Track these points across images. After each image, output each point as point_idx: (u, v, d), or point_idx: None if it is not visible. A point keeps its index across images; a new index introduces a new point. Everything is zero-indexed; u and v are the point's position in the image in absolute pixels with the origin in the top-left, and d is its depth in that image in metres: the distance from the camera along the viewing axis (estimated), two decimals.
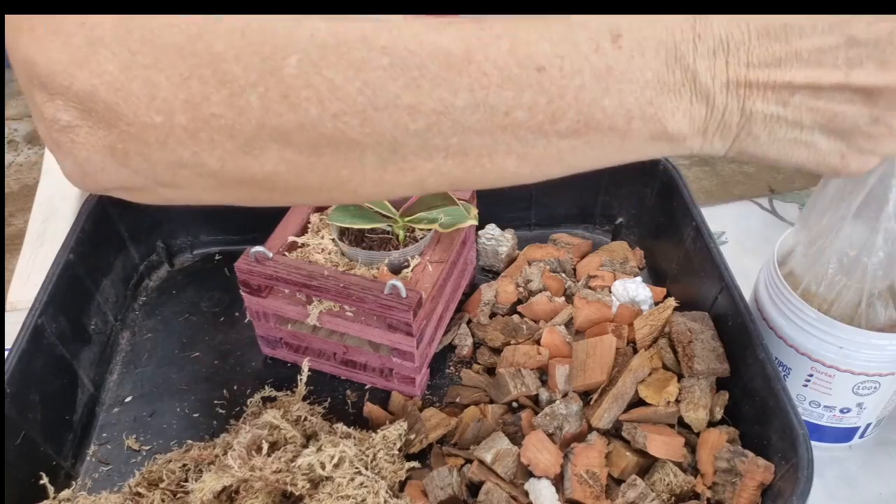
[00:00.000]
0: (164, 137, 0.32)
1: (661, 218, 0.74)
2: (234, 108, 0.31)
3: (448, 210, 0.62)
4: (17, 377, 0.54)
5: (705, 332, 0.59)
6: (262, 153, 0.33)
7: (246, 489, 0.51)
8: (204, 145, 0.32)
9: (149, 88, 0.31)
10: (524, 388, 0.59)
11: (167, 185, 0.34)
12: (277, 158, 0.33)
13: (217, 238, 0.79)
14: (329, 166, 0.33)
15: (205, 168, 0.33)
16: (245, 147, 0.32)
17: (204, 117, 0.31)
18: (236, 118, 0.31)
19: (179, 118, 0.31)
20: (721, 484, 0.52)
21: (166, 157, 0.32)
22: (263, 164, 0.33)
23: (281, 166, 0.33)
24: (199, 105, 0.31)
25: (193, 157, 0.32)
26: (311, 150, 0.33)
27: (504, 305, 0.69)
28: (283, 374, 0.66)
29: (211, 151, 0.32)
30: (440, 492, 0.53)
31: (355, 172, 0.34)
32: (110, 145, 0.32)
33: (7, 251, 1.92)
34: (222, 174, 0.33)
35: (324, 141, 0.32)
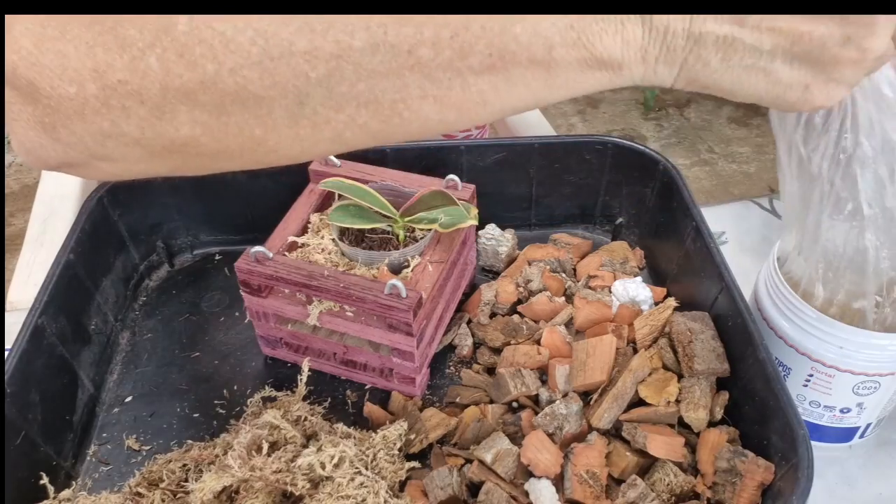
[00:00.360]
0: (81, 108, 0.31)
1: (661, 218, 0.74)
2: (136, 72, 0.30)
3: (448, 210, 0.62)
4: (17, 377, 0.54)
5: (705, 332, 0.59)
6: (175, 116, 0.32)
7: (246, 489, 0.51)
8: (118, 113, 0.31)
9: (60, 60, 0.30)
10: (524, 388, 0.59)
11: (102, 157, 0.34)
12: (190, 121, 0.32)
13: (217, 238, 0.79)
14: (241, 125, 0.32)
15: (128, 137, 0.32)
16: (157, 111, 0.31)
17: (112, 84, 0.31)
18: (141, 82, 0.31)
19: (90, 87, 0.31)
20: (721, 484, 0.52)
21: (88, 127, 0.32)
22: (178, 128, 0.32)
23: (196, 129, 0.32)
24: (105, 73, 0.30)
25: (113, 127, 0.32)
26: (220, 110, 0.32)
27: (504, 305, 0.69)
28: (283, 374, 0.66)
29: (127, 119, 0.32)
30: (440, 492, 0.53)
31: (269, 130, 0.32)
32: (39, 120, 0.32)
33: (7, 251, 1.92)
34: (146, 142, 0.33)
35: (228, 98, 0.31)
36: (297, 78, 0.31)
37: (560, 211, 0.81)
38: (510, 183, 0.78)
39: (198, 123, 0.32)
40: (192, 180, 0.74)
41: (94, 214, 0.68)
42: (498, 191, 0.77)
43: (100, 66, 0.30)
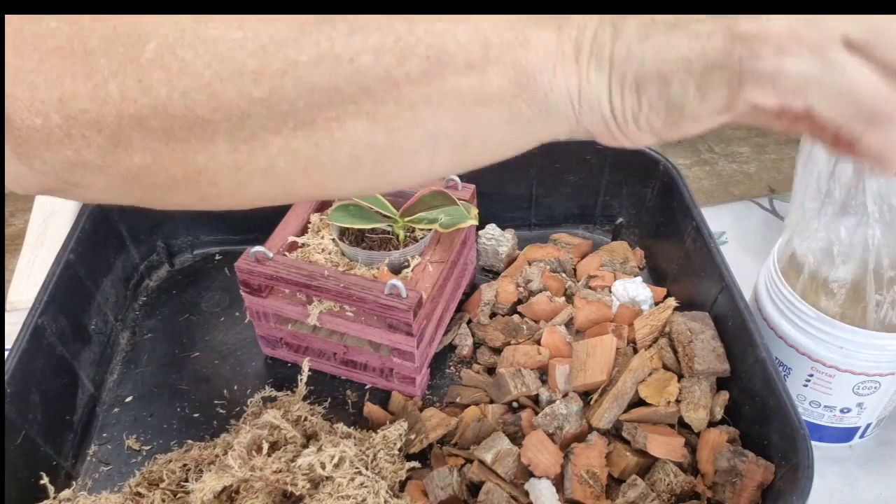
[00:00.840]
0: (46, 138, 0.32)
1: (661, 218, 0.74)
2: (96, 100, 0.31)
3: (448, 210, 0.62)
4: (18, 377, 0.54)
5: (705, 332, 0.59)
6: (129, 144, 0.32)
7: (246, 489, 0.51)
8: (79, 142, 0.32)
9: (30, 92, 0.31)
10: (524, 388, 0.59)
11: (74, 184, 0.35)
12: (143, 149, 0.33)
13: (217, 238, 0.79)
14: (186, 153, 0.33)
15: (91, 165, 0.33)
16: (113, 139, 0.32)
17: (73, 114, 0.31)
18: (99, 110, 0.31)
19: (54, 118, 0.32)
20: (721, 484, 0.52)
21: (55, 157, 0.33)
22: (132, 156, 0.33)
23: (147, 157, 0.33)
24: (68, 102, 0.31)
25: (76, 155, 0.33)
26: (168, 137, 0.32)
27: (504, 305, 0.69)
28: (283, 374, 0.66)
29: (87, 148, 0.32)
30: (440, 492, 0.53)
31: (210, 158, 0.33)
32: (14, 150, 0.33)
33: (7, 251, 1.92)
34: (107, 170, 0.33)
35: (177, 123, 0.32)
36: (241, 98, 0.31)
37: (560, 211, 0.81)
38: (510, 183, 0.78)
39: (149, 150, 0.33)
40: None
41: (94, 214, 0.68)
42: (498, 191, 0.77)
43: (65, 95, 0.31)
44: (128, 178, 0.34)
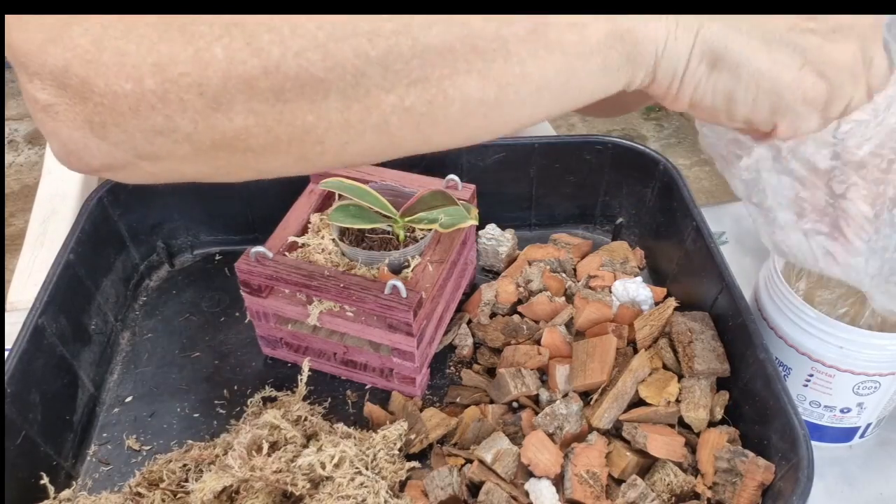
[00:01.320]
0: (136, 104, 0.32)
1: (661, 218, 0.74)
2: (199, 63, 0.31)
3: (448, 210, 0.62)
4: (18, 377, 0.54)
5: (705, 332, 0.59)
6: (231, 107, 0.33)
7: (246, 489, 0.51)
8: (174, 106, 0.32)
9: (119, 57, 0.31)
10: (524, 388, 0.59)
11: (147, 157, 0.35)
12: (245, 111, 0.33)
13: (217, 238, 0.79)
14: (295, 112, 0.33)
15: (179, 132, 0.33)
16: (214, 103, 0.32)
17: (172, 77, 0.31)
18: (203, 72, 0.31)
19: (148, 82, 0.31)
20: (721, 484, 0.52)
21: (140, 124, 0.33)
22: (233, 119, 0.33)
23: (249, 119, 0.33)
24: (166, 67, 0.31)
25: (166, 122, 0.33)
26: (276, 98, 0.33)
27: (504, 305, 0.69)
28: (283, 374, 0.66)
29: (182, 113, 0.32)
30: (440, 492, 0.53)
31: (321, 117, 0.34)
32: (88, 119, 0.33)
33: (7, 251, 1.92)
34: (196, 136, 0.34)
35: (288, 83, 0.32)
36: (358, 57, 0.32)
37: (560, 211, 0.81)
38: (510, 183, 0.78)
39: (252, 113, 0.33)
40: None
41: (94, 214, 0.68)
42: (498, 191, 0.77)
43: (162, 60, 0.31)
44: (219, 143, 0.34)
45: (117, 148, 0.34)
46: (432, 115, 0.35)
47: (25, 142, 2.38)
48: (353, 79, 0.33)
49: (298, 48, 0.32)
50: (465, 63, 0.34)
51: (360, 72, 0.33)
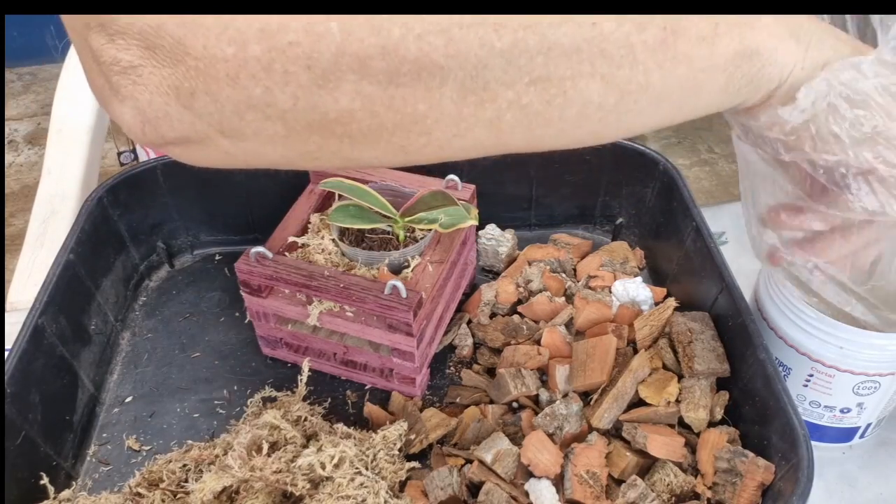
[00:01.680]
0: (236, 71, 0.30)
1: (661, 218, 0.74)
2: (312, 34, 0.29)
3: (448, 210, 0.62)
4: (18, 377, 0.54)
5: (705, 333, 0.59)
6: (339, 85, 0.31)
7: (246, 489, 0.51)
8: (277, 78, 0.30)
9: (222, 19, 0.29)
10: (524, 388, 0.59)
11: (231, 133, 0.32)
12: (353, 92, 0.31)
13: (217, 238, 0.79)
14: (406, 99, 0.32)
15: (275, 108, 0.31)
16: (321, 79, 0.30)
17: (280, 46, 0.29)
18: (314, 45, 0.29)
19: (253, 48, 0.29)
20: (721, 484, 0.52)
21: (235, 95, 0.30)
22: (338, 99, 0.31)
23: (356, 102, 0.31)
24: (275, 34, 0.29)
25: (265, 95, 0.31)
26: (390, 81, 0.31)
27: (504, 305, 0.69)
28: (283, 375, 0.66)
29: (284, 86, 0.30)
30: (440, 492, 0.53)
31: (433, 106, 0.32)
32: (176, 84, 0.30)
33: (7, 251, 1.92)
34: (293, 115, 0.31)
35: (405, 67, 0.30)
36: (482, 47, 0.31)
37: (560, 211, 0.81)
38: (510, 183, 0.78)
39: (360, 95, 0.31)
40: (192, 180, 0.74)
41: (94, 214, 0.68)
42: (498, 191, 0.77)
43: (270, 26, 0.29)
44: (315, 125, 0.32)
45: (201, 119, 0.32)
46: (547, 116, 0.34)
47: (25, 142, 2.38)
48: (473, 69, 0.31)
49: (421, 30, 0.30)
50: (589, 66, 0.33)
51: (483, 63, 0.31)
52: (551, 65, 0.32)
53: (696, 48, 0.34)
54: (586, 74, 0.33)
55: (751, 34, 0.35)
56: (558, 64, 0.32)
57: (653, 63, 0.34)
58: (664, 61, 0.34)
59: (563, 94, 0.33)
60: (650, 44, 0.33)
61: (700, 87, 0.36)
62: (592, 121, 0.35)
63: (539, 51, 0.32)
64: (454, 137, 0.34)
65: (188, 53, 0.29)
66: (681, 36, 0.34)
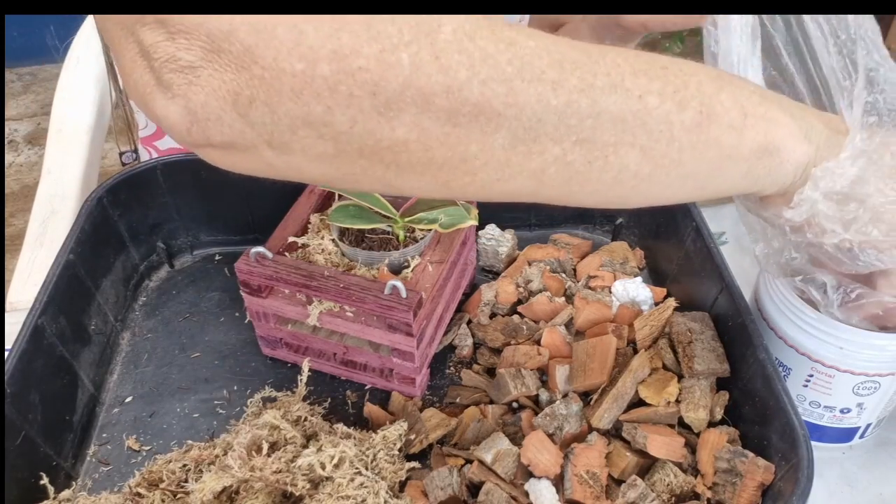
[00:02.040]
0: (301, 87, 0.30)
1: (661, 218, 0.74)
2: (383, 63, 0.30)
3: (448, 210, 0.62)
4: (17, 377, 0.54)
5: (705, 333, 0.59)
6: (398, 116, 0.31)
7: (246, 489, 0.51)
8: (341, 100, 0.30)
9: (295, 35, 0.29)
10: (524, 388, 0.59)
11: (279, 146, 0.33)
12: (412, 124, 0.32)
13: (217, 238, 0.79)
14: (461, 139, 0.33)
15: (331, 128, 0.32)
16: (383, 107, 0.31)
17: (350, 70, 0.30)
18: (383, 74, 0.30)
19: (323, 68, 0.30)
20: (721, 484, 0.52)
21: (295, 110, 0.31)
22: (395, 129, 0.32)
23: (413, 134, 0.32)
24: (347, 57, 0.30)
25: (325, 114, 0.31)
26: (448, 119, 0.32)
27: (504, 306, 0.69)
28: (283, 375, 0.66)
29: (346, 109, 0.31)
30: (440, 492, 0.53)
31: (484, 150, 0.34)
32: (236, 90, 0.30)
33: (7, 251, 1.92)
34: (347, 138, 0.32)
35: (465, 109, 0.32)
36: (539, 102, 0.33)
37: (560, 211, 0.81)
38: None
39: (418, 128, 0.32)
40: (192, 180, 0.74)
41: (94, 214, 0.68)
42: None
43: (343, 49, 0.30)
44: (367, 151, 0.33)
45: (253, 129, 0.32)
46: (586, 175, 0.37)
47: (25, 142, 2.38)
48: (528, 121, 0.33)
49: (486, 76, 0.32)
50: (631, 136, 0.36)
51: (537, 116, 0.33)
52: (598, 129, 0.35)
53: (726, 135, 0.38)
54: (627, 143, 0.36)
55: (774, 131, 0.39)
56: (605, 129, 0.35)
57: (687, 142, 0.37)
58: (697, 143, 0.37)
59: (604, 158, 0.36)
60: (687, 124, 0.36)
61: (724, 172, 0.39)
62: (626, 187, 0.38)
63: (589, 114, 0.34)
64: (497, 181, 0.36)
65: (256, 62, 0.30)
66: (714, 121, 0.37)
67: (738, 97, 0.38)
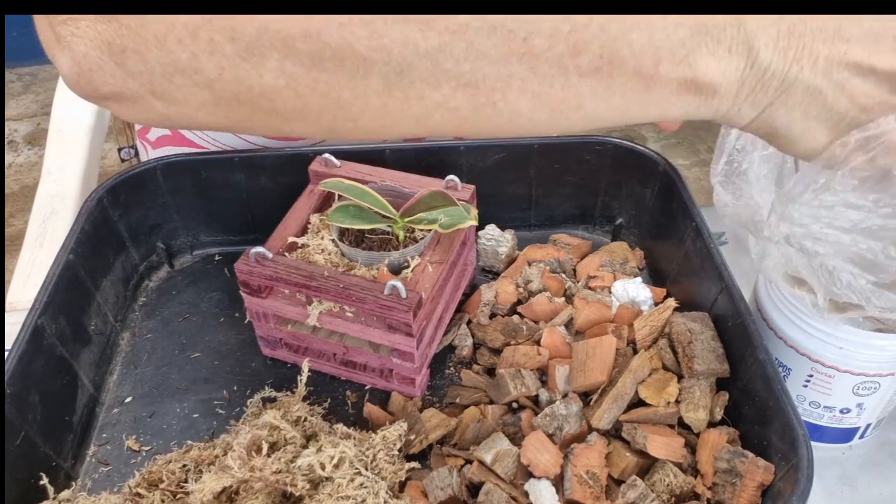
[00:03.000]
0: (164, 34, 0.30)
1: (660, 218, 0.74)
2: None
3: (448, 210, 0.62)
4: (17, 377, 0.54)
5: (705, 333, 0.59)
6: (263, 61, 0.31)
7: (246, 490, 0.51)
8: (203, 46, 0.30)
9: None
10: (524, 388, 0.59)
11: (161, 95, 0.33)
12: (278, 70, 0.31)
13: (217, 238, 0.79)
14: (331, 85, 0.32)
15: (201, 76, 0.31)
16: (245, 52, 0.30)
17: (206, 15, 0.30)
18: (239, 17, 0.30)
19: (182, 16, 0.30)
20: (721, 484, 0.52)
21: (163, 57, 0.31)
22: (262, 75, 0.31)
23: (281, 80, 0.31)
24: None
25: (191, 61, 0.31)
26: (314, 63, 0.31)
27: (504, 306, 0.69)
28: (283, 375, 0.66)
29: (209, 55, 0.31)
30: (440, 492, 0.53)
31: (358, 95, 0.32)
32: (109, 40, 0.31)
33: (7, 251, 1.92)
34: (219, 85, 0.32)
35: (328, 52, 0.30)
36: (406, 45, 0.30)
37: (560, 211, 0.81)
38: (510, 183, 0.78)
39: (285, 74, 0.31)
40: (192, 180, 0.74)
41: (94, 214, 0.68)
42: (498, 191, 0.77)
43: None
44: (243, 97, 0.32)
45: (133, 78, 0.32)
46: (476, 120, 0.34)
47: (25, 142, 2.38)
48: (398, 66, 0.31)
49: (345, 20, 0.30)
50: (519, 81, 0.32)
51: (407, 62, 0.31)
52: (480, 73, 0.32)
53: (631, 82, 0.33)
54: (516, 89, 0.32)
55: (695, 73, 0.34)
56: (487, 74, 0.32)
57: (586, 88, 0.33)
58: (597, 88, 0.33)
59: (492, 105, 0.33)
60: (584, 69, 0.32)
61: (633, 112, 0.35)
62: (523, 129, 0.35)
63: (467, 57, 0.31)
64: (382, 127, 0.34)
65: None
66: (617, 68, 0.33)
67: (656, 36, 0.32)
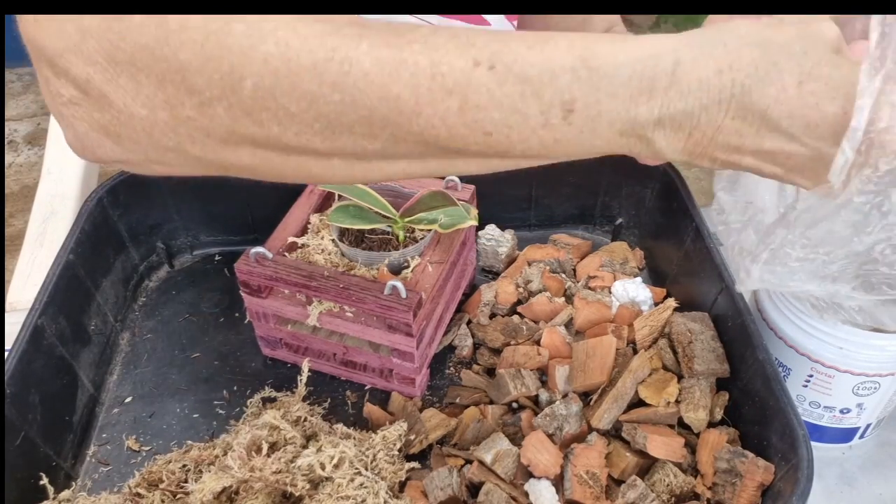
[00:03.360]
0: (150, 128, 0.34)
1: (660, 218, 0.74)
2: (205, 115, 0.33)
3: (448, 211, 0.62)
4: (17, 377, 0.54)
5: (705, 333, 0.59)
6: (238, 149, 0.35)
7: (246, 490, 0.51)
8: (184, 139, 0.34)
9: (134, 84, 0.33)
10: (524, 388, 0.59)
11: (159, 162, 0.37)
12: (251, 155, 0.35)
13: (217, 238, 0.79)
14: (301, 165, 0.36)
15: (189, 155, 0.36)
16: (220, 144, 0.35)
17: (181, 118, 0.33)
18: (209, 123, 0.34)
19: (161, 114, 0.33)
20: (721, 484, 0.52)
21: (153, 143, 0.35)
22: (240, 158, 0.36)
23: (256, 160, 0.36)
24: (175, 107, 0.33)
25: (178, 146, 0.35)
26: (282, 152, 0.35)
27: (504, 306, 0.69)
28: (283, 375, 0.66)
29: (191, 144, 0.35)
30: (440, 492, 0.53)
31: (325, 170, 0.37)
32: (105, 126, 0.35)
33: (7, 251, 1.92)
34: (205, 160, 0.36)
35: (292, 149, 0.35)
36: (357, 147, 0.35)
37: (560, 211, 0.81)
38: (510, 183, 0.78)
39: (258, 158, 0.36)
40: (192, 181, 0.74)
41: (94, 215, 0.68)
42: (498, 191, 0.77)
43: (171, 100, 0.33)
44: (227, 167, 0.37)
45: (131, 153, 0.36)
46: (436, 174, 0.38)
47: (25, 142, 2.38)
48: (353, 156, 0.36)
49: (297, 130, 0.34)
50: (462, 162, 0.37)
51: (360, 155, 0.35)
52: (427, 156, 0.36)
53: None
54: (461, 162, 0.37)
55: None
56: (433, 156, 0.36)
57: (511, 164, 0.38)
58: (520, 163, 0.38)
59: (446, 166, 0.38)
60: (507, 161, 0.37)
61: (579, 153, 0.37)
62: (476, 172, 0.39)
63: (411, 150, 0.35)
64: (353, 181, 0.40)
65: (111, 106, 0.34)
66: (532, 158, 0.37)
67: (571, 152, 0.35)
